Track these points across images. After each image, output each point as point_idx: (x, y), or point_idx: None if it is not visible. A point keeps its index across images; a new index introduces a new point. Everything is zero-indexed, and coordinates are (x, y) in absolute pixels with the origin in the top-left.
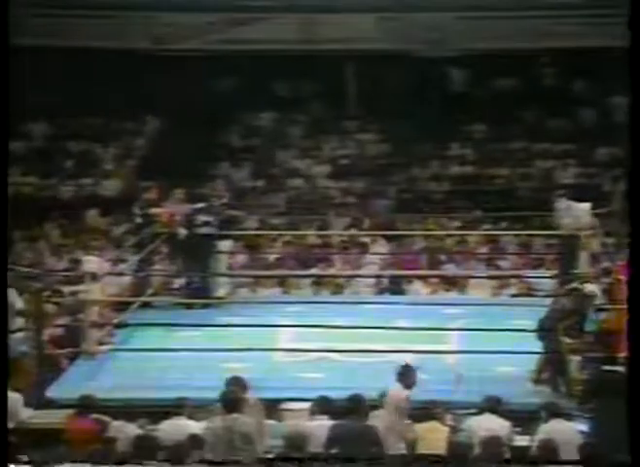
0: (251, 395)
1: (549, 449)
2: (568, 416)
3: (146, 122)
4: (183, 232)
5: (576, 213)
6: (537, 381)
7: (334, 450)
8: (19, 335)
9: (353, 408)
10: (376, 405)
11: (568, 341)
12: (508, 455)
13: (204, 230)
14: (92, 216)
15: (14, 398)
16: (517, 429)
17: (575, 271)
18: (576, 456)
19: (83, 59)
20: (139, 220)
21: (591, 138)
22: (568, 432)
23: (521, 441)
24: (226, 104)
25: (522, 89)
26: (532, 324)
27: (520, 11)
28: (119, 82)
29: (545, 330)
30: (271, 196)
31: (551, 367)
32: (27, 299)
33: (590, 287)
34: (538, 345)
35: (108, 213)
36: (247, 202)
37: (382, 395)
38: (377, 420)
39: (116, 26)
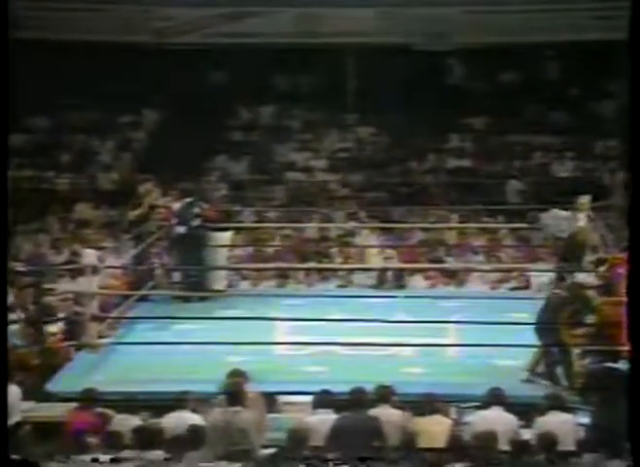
0: (252, 388)
1: (548, 440)
2: (569, 409)
3: (145, 115)
4: (180, 225)
5: (561, 222)
6: (533, 374)
7: (336, 443)
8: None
9: (355, 400)
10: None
11: (569, 332)
12: (510, 448)
13: (196, 223)
14: (89, 209)
15: (12, 391)
16: (520, 422)
17: (573, 264)
18: (574, 448)
19: (82, 53)
20: (137, 213)
21: (591, 131)
22: (567, 424)
23: (524, 434)
24: (225, 98)
25: (523, 82)
26: (531, 317)
27: (520, 5)
28: (118, 75)
29: (545, 322)
30: (270, 189)
31: (550, 359)
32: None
33: (586, 278)
34: (535, 338)
35: (106, 206)
36: (245, 195)
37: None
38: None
39: (115, 20)
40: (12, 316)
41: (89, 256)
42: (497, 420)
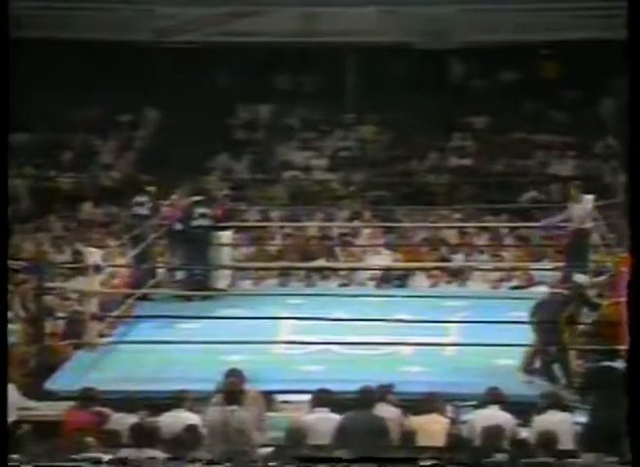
0: (251, 387)
1: (546, 439)
2: (567, 408)
3: (146, 114)
4: (181, 224)
5: (582, 206)
6: (528, 371)
7: (343, 442)
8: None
9: (360, 400)
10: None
11: (570, 331)
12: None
13: (202, 222)
14: (90, 208)
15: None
16: (518, 421)
17: (576, 263)
18: (573, 447)
19: (83, 52)
20: (139, 212)
21: (591, 130)
22: (565, 423)
23: (522, 433)
24: (226, 96)
25: (523, 81)
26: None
27: (520, 3)
28: (120, 74)
29: (545, 321)
30: (271, 188)
31: (548, 358)
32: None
33: (586, 278)
34: (533, 335)
35: (107, 205)
36: (247, 194)
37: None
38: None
39: (117, 19)
40: (11, 315)
41: (93, 255)
42: (493, 420)
